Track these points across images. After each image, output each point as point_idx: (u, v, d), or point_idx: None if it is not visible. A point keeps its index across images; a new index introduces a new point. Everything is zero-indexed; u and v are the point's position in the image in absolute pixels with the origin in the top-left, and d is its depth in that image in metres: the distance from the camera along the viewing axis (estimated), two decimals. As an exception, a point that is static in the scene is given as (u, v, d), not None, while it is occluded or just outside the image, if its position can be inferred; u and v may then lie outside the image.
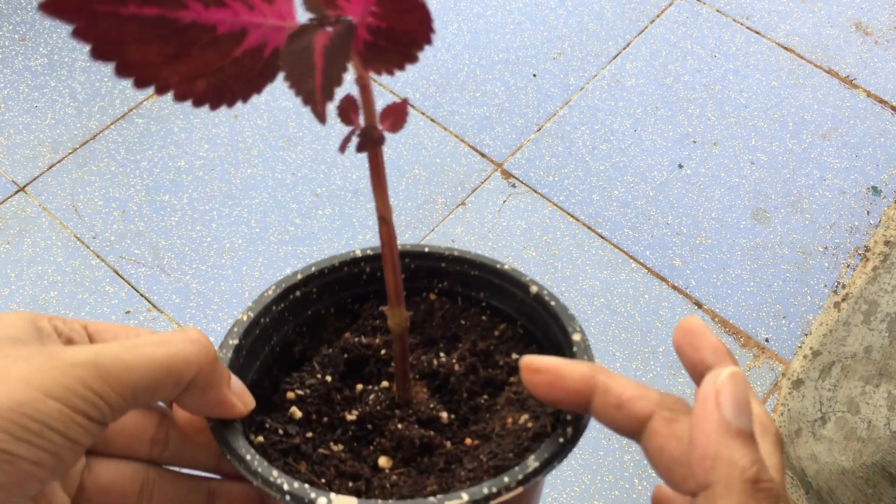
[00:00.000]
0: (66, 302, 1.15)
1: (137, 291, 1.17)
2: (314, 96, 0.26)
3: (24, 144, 1.30)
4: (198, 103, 0.27)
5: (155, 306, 1.16)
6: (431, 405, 0.37)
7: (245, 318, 0.36)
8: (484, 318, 0.40)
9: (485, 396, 0.38)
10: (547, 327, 0.37)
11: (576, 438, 0.32)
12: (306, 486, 0.30)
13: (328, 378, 0.37)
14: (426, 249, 0.39)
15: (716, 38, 1.48)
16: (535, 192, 1.29)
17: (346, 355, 0.38)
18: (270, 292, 0.38)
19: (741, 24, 1.50)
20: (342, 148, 0.28)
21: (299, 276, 0.38)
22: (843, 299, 1.21)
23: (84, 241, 1.21)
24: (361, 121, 0.29)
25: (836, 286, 1.23)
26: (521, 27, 1.48)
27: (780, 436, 0.30)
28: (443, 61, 1.42)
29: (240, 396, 0.33)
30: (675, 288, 1.21)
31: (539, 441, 0.33)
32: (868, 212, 1.30)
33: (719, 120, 1.39)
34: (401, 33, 0.27)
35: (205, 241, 1.22)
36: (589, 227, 1.26)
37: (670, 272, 1.23)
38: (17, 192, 1.25)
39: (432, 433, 0.36)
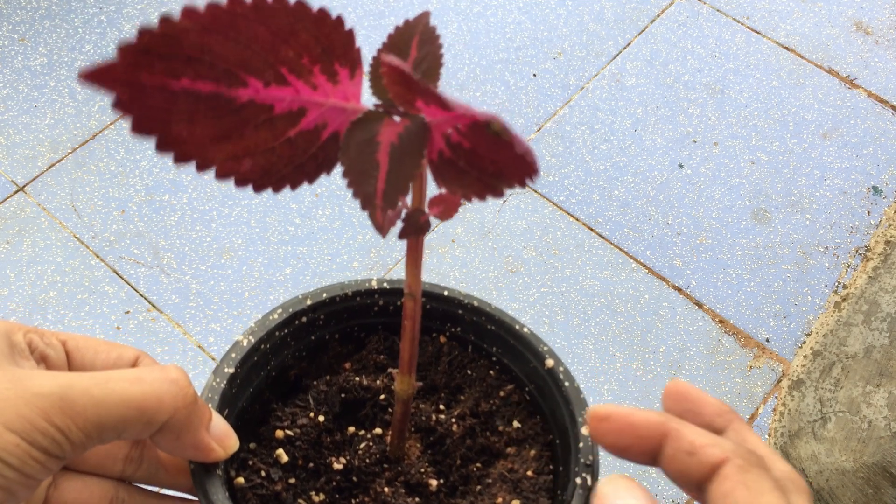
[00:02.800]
0: (65, 302, 1.15)
1: (137, 291, 1.17)
2: (373, 201, 0.23)
3: (23, 144, 1.30)
4: (241, 184, 0.24)
5: (154, 306, 1.16)
6: (422, 469, 0.35)
7: (245, 342, 0.34)
8: (492, 372, 0.38)
9: (478, 464, 0.36)
10: (556, 405, 0.35)
11: None
12: None
13: (321, 418, 0.35)
14: (445, 293, 0.37)
15: (716, 38, 1.48)
16: (535, 191, 1.29)
17: (343, 395, 0.36)
18: (276, 316, 0.35)
19: (741, 24, 1.50)
20: (384, 231, 0.25)
21: (308, 302, 0.36)
22: (844, 299, 1.20)
23: (83, 241, 1.21)
24: (408, 200, 0.26)
25: (837, 286, 1.23)
26: (521, 27, 1.48)
27: (809, 491, 0.29)
28: (443, 61, 1.42)
29: (220, 440, 0.31)
30: (675, 288, 1.21)
31: None
32: (869, 212, 1.30)
33: (720, 120, 1.39)
34: (487, 161, 0.23)
35: (205, 241, 1.22)
36: (589, 227, 1.26)
37: (670, 272, 1.23)
38: (16, 191, 1.25)
39: (418, 500, 0.34)
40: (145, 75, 0.22)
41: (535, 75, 1.42)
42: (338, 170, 0.25)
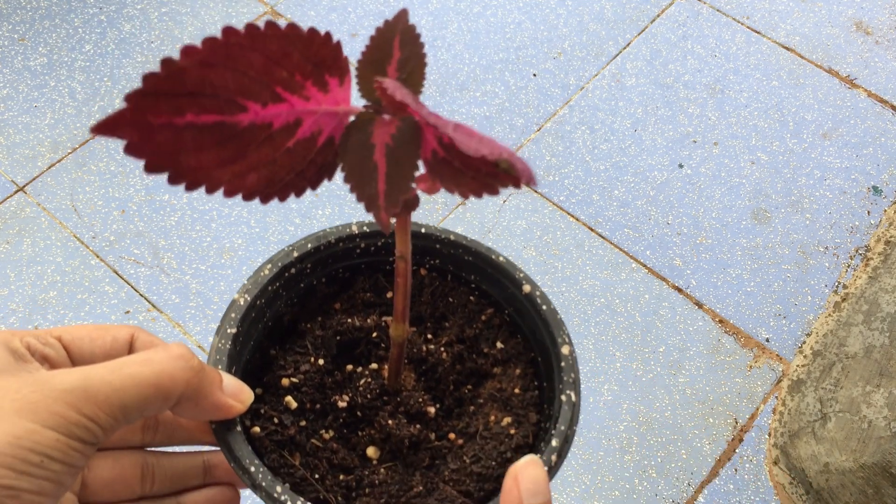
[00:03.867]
0: (65, 302, 1.15)
1: (137, 291, 1.17)
2: (377, 202, 0.24)
3: (23, 144, 1.30)
4: (248, 197, 0.26)
5: (154, 306, 1.16)
6: (419, 398, 0.37)
7: (242, 301, 0.37)
8: (472, 298, 0.40)
9: (469, 386, 0.38)
10: (535, 326, 0.37)
11: (559, 465, 0.33)
12: None
13: (320, 361, 0.38)
14: (423, 230, 0.39)
15: (716, 38, 1.48)
16: (535, 191, 1.29)
17: (338, 338, 0.39)
18: (266, 272, 0.38)
19: (741, 24, 1.50)
20: (388, 230, 0.26)
21: (295, 254, 0.39)
22: (844, 299, 1.20)
23: (83, 241, 1.21)
24: None
25: (837, 286, 1.23)
26: (521, 27, 1.48)
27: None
28: (443, 61, 1.42)
29: (235, 395, 0.33)
30: (675, 288, 1.21)
31: (521, 453, 0.34)
32: (868, 212, 1.30)
33: (720, 120, 1.39)
34: (479, 161, 0.23)
35: (205, 241, 1.22)
36: (589, 227, 1.26)
37: (670, 272, 1.23)
38: (16, 191, 1.25)
39: (419, 427, 0.36)
40: (152, 116, 0.23)
41: (535, 75, 1.42)
42: (339, 174, 0.27)
